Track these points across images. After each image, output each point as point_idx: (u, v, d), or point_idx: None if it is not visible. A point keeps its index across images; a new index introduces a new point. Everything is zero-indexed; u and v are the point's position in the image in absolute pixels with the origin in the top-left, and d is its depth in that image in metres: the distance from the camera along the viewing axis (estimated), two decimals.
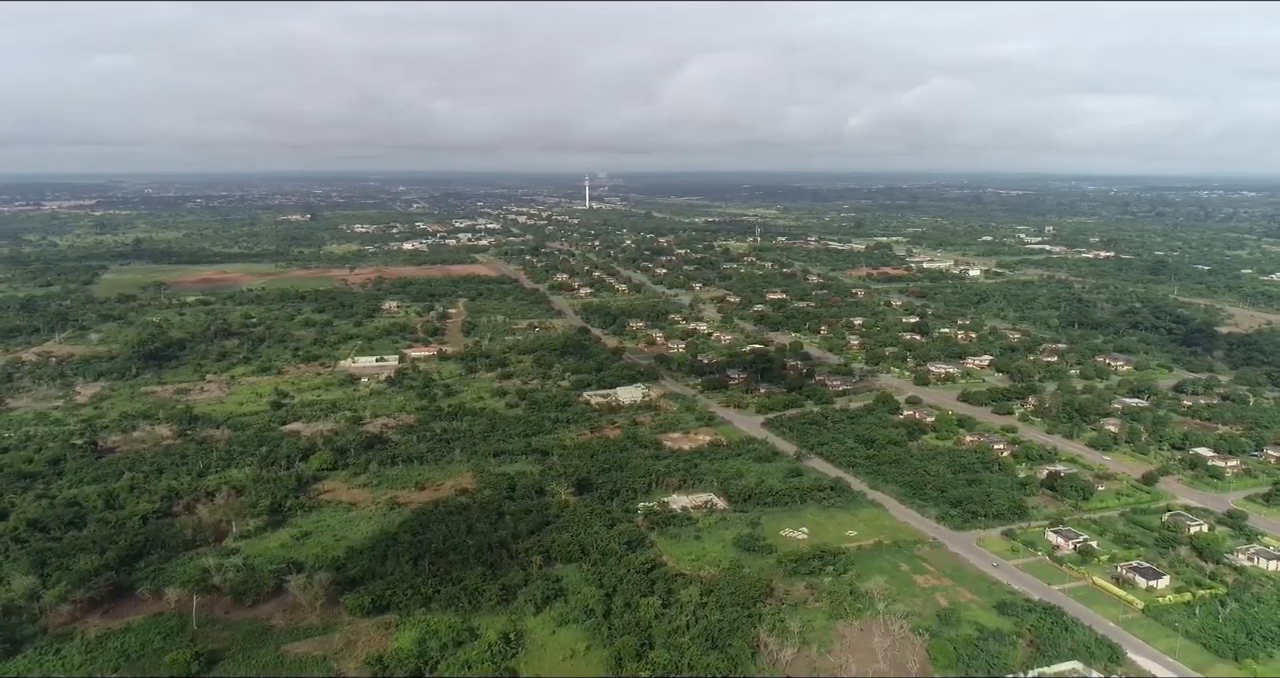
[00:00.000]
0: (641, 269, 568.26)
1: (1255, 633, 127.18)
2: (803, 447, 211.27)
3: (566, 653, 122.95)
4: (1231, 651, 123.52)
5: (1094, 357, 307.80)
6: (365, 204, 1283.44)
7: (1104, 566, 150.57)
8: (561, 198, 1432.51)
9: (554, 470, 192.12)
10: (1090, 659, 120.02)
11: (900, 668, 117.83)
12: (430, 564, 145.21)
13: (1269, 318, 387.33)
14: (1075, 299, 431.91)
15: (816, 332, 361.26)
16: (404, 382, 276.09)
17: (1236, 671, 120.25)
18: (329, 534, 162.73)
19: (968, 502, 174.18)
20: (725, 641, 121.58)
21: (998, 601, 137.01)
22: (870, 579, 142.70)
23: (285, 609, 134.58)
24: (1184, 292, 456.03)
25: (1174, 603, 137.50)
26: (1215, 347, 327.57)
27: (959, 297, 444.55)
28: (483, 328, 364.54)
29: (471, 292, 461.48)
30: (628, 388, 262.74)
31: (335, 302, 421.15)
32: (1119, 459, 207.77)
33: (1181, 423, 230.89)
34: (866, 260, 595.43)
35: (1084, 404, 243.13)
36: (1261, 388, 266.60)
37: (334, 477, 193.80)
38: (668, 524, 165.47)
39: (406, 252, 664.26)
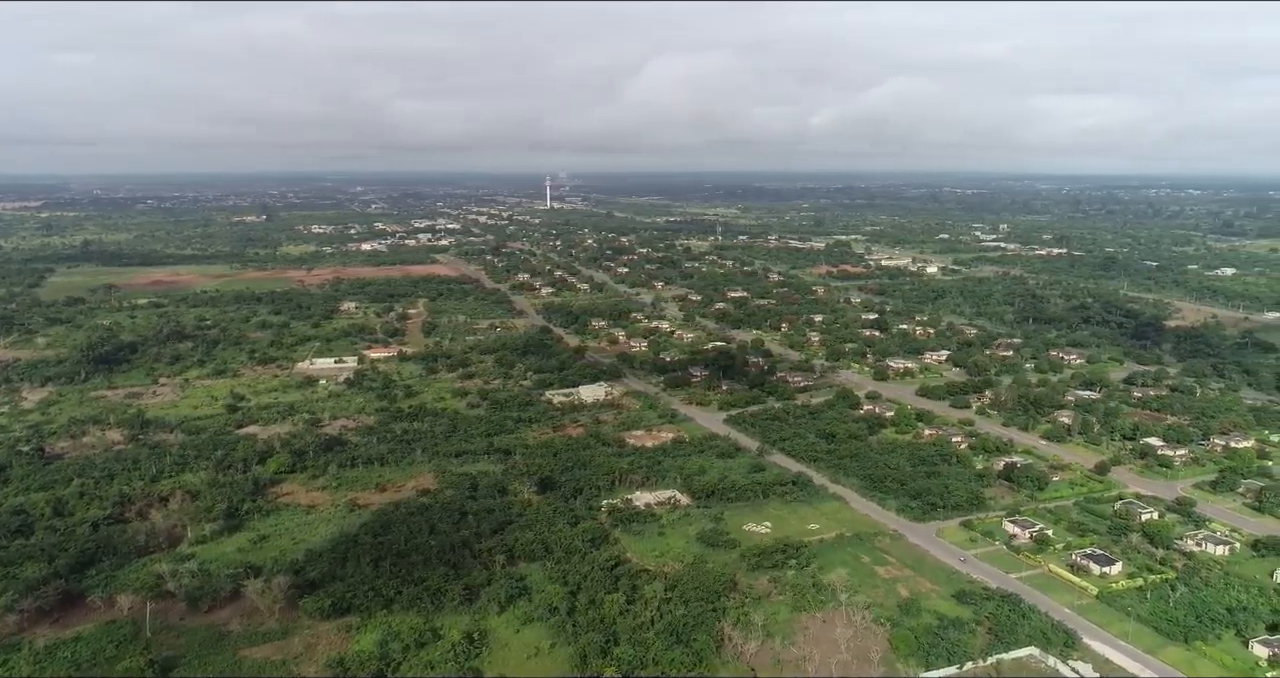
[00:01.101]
0: (603, 268, 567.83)
1: (1204, 616, 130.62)
2: (765, 442, 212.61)
3: (530, 651, 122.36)
4: (1181, 633, 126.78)
5: (1047, 351, 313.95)
6: (322, 205, 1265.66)
7: (1059, 553, 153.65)
8: (522, 198, 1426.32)
9: (516, 470, 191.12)
10: (1047, 645, 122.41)
11: (863, 658, 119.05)
12: (392, 565, 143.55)
13: (1214, 312, 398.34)
14: (1029, 295, 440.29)
15: (777, 329, 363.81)
16: (363, 383, 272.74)
17: (1186, 652, 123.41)
18: (287, 537, 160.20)
19: (927, 494, 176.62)
20: (689, 635, 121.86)
21: (957, 590, 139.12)
22: (832, 571, 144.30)
23: (243, 614, 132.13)
24: (1133, 287, 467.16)
25: (1126, 588, 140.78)
26: (1163, 340, 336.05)
27: (917, 293, 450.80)
28: (443, 328, 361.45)
29: (432, 292, 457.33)
30: (590, 387, 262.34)
31: (292, 303, 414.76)
32: (1072, 450, 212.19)
33: (1132, 414, 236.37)
34: (826, 258, 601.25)
35: (1038, 397, 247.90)
36: (1207, 379, 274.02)
37: (292, 479, 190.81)
38: (631, 521, 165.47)
39: (365, 252, 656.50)
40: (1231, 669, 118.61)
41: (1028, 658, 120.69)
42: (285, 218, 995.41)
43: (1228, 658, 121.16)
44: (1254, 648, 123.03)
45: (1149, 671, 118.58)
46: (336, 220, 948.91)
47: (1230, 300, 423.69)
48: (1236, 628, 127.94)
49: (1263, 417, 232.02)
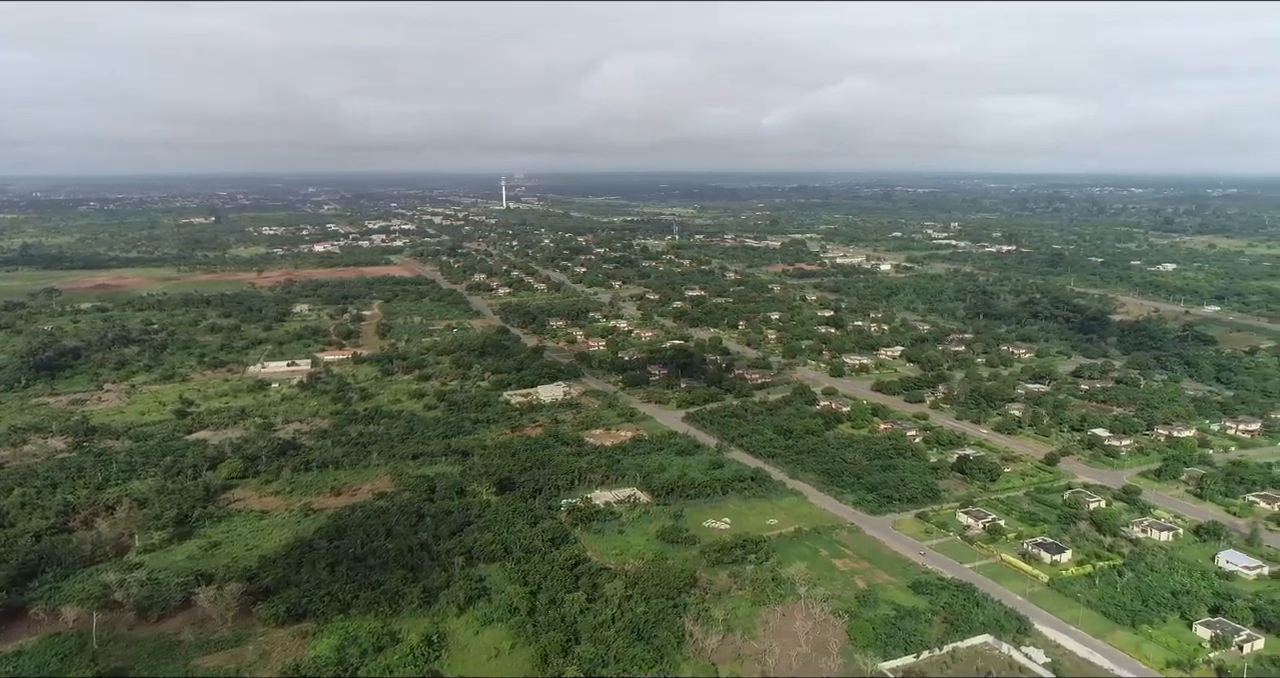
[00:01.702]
0: (561, 268, 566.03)
1: (1150, 600, 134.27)
2: (724, 439, 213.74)
3: (491, 653, 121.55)
4: (1129, 617, 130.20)
5: (998, 345, 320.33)
6: (273, 206, 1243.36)
7: (1011, 543, 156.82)
8: (478, 198, 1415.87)
9: (475, 471, 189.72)
10: (1000, 632, 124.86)
11: (822, 649, 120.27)
12: (348, 570, 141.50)
13: (1156, 306, 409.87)
14: (980, 291, 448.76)
15: (735, 327, 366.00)
16: (317, 386, 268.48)
17: (1133, 635, 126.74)
18: (240, 544, 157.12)
19: (883, 487, 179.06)
20: (651, 632, 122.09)
21: (913, 580, 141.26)
22: (791, 565, 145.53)
23: (194, 623, 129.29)
24: (1080, 282, 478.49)
25: (1076, 575, 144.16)
26: (1109, 334, 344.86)
27: (871, 290, 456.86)
28: (399, 329, 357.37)
29: (387, 293, 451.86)
30: (549, 386, 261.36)
31: (243, 306, 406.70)
32: (1023, 442, 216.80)
33: (1080, 406, 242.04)
34: (782, 257, 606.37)
35: (990, 391, 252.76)
36: (1151, 371, 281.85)
37: (245, 485, 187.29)
38: (591, 520, 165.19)
39: (318, 254, 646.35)
40: (1176, 651, 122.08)
41: (982, 646, 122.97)
42: (235, 219, 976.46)
43: (1172, 640, 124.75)
44: (1197, 630, 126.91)
45: (1098, 655, 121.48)
46: (288, 222, 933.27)
47: (1171, 295, 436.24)
48: (1180, 611, 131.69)
49: (1203, 407, 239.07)
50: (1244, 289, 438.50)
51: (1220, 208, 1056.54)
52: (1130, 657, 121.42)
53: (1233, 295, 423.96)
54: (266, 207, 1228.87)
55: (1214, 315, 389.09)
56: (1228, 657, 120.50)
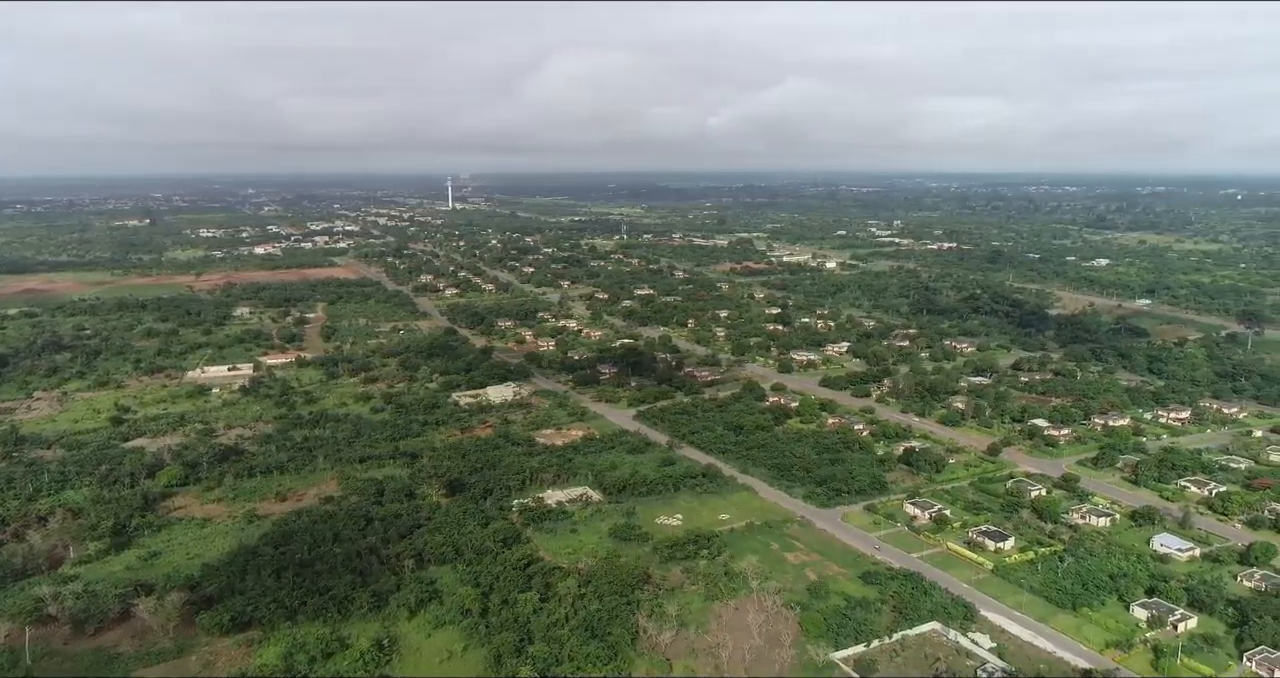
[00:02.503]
0: (508, 268, 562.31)
1: (1089, 584, 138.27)
2: (674, 436, 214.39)
3: (443, 655, 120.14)
4: (1070, 601, 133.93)
5: (941, 340, 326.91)
6: (211, 207, 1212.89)
7: (957, 532, 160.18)
8: (424, 199, 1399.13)
9: (424, 472, 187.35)
10: (948, 619, 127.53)
11: (775, 641, 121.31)
12: (295, 576, 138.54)
13: (1091, 300, 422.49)
14: (923, 287, 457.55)
15: (684, 325, 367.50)
16: (260, 390, 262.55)
17: (1074, 618, 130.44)
18: (181, 552, 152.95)
19: (832, 480, 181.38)
20: (604, 629, 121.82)
21: (863, 571, 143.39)
22: (743, 559, 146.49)
23: (134, 634, 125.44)
24: (1018, 278, 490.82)
25: (1019, 562, 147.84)
26: (1046, 327, 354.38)
27: (817, 288, 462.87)
28: (344, 332, 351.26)
29: (331, 295, 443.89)
30: (498, 387, 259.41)
31: (180, 309, 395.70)
32: (966, 433, 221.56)
33: (1020, 398, 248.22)
34: (730, 255, 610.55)
35: (934, 384, 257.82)
36: (1087, 363, 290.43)
37: (185, 492, 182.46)
38: (543, 519, 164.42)
39: (258, 256, 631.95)
40: (1114, 632, 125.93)
41: (930, 633, 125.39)
42: (171, 221, 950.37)
43: (1111, 621, 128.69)
44: (1134, 611, 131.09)
45: (1041, 638, 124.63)
46: (227, 223, 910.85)
47: (1105, 289, 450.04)
48: (1118, 593, 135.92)
49: (1136, 396, 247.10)
50: (1173, 283, 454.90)
51: (1149, 206, 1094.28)
52: (1071, 639, 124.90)
53: (1162, 289, 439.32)
54: (204, 208, 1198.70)
55: (1145, 309, 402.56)
56: (1163, 636, 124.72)
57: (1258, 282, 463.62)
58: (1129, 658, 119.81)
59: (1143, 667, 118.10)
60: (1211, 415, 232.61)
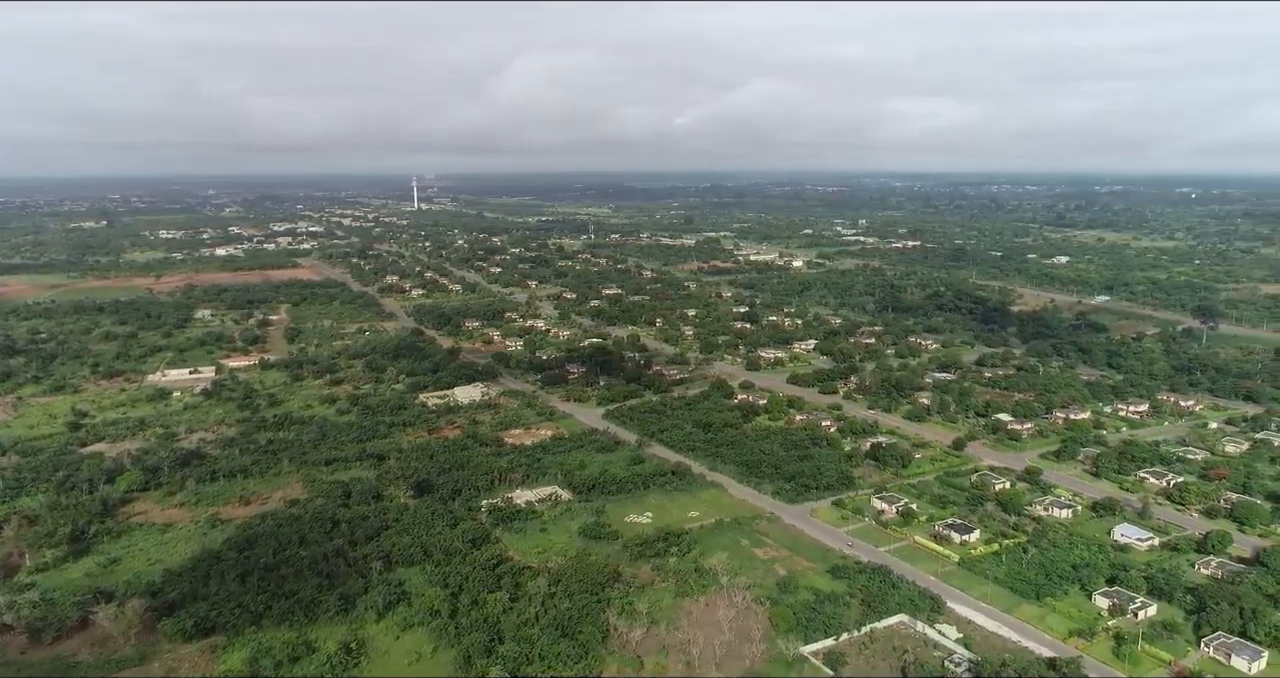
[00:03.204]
0: (475, 269, 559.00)
1: (1052, 574, 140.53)
2: (643, 435, 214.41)
3: (412, 657, 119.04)
4: (1034, 591, 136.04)
5: (906, 337, 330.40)
6: (171, 209, 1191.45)
7: (923, 525, 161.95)
8: (389, 200, 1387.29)
9: (391, 474, 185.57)
10: (915, 611, 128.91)
11: (745, 637, 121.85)
12: (259, 580, 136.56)
13: (1052, 297, 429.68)
14: (888, 285, 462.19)
15: (652, 324, 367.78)
16: (222, 393, 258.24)
17: (1038, 608, 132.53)
18: (142, 559, 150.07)
19: (800, 476, 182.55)
20: (575, 628, 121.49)
21: (831, 565, 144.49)
22: (713, 556, 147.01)
23: (94, 643, 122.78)
24: (981, 275, 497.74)
25: (984, 554, 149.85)
26: (1009, 324, 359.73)
27: (784, 286, 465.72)
28: (308, 333, 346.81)
29: (294, 296, 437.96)
30: (465, 388, 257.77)
31: (140, 312, 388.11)
32: (932, 428, 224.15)
33: (984, 393, 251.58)
34: (697, 255, 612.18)
35: (899, 380, 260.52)
36: (1048, 358, 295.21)
37: (146, 498, 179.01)
38: (512, 519, 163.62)
39: (220, 258, 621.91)
40: (1077, 621, 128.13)
41: (898, 625, 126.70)
42: (129, 223, 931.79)
43: (1074, 611, 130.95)
44: (1096, 600, 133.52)
45: (1006, 628, 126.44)
46: (187, 225, 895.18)
47: (1065, 286, 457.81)
48: (1081, 583, 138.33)
49: (1096, 390, 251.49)
50: (1130, 280, 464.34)
51: (1108, 204, 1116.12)
52: (1036, 628, 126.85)
53: (1121, 286, 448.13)
54: (164, 209, 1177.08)
55: (1104, 305, 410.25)
56: (1124, 624, 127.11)
57: (1212, 278, 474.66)
58: (1091, 646, 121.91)
59: (1105, 654, 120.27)
60: (1169, 408, 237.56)
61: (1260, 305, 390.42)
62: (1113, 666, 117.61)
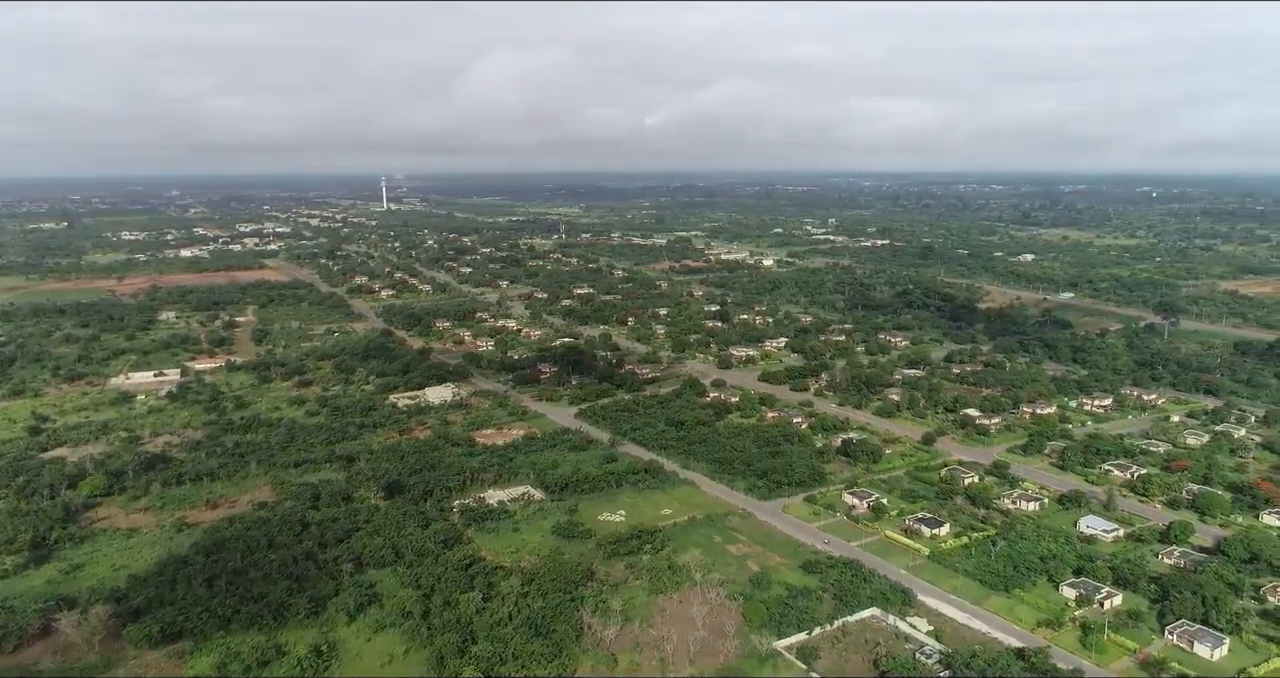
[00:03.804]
0: (445, 269, 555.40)
1: (1020, 566, 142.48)
2: (616, 434, 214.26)
3: (384, 659, 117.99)
4: (1002, 583, 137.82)
5: (876, 334, 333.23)
6: (133, 210, 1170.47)
7: (894, 520, 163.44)
8: (357, 200, 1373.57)
9: (361, 476, 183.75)
10: (887, 604, 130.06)
11: (719, 632, 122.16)
12: (227, 584, 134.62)
13: (1018, 294, 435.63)
14: (858, 283, 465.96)
15: (624, 323, 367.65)
16: (188, 396, 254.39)
17: (1007, 600, 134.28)
18: (106, 564, 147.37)
19: (772, 473, 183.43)
20: (549, 627, 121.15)
21: (804, 561, 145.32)
22: (686, 553, 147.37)
23: (56, 650, 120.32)
24: (949, 273, 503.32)
25: (954, 547, 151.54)
26: (976, 321, 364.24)
27: (755, 285, 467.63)
28: (276, 335, 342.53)
29: (262, 297, 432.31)
30: (436, 388, 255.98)
31: (102, 314, 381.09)
32: (901, 424, 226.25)
33: (952, 389, 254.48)
34: (668, 254, 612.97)
35: (869, 377, 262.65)
36: (1015, 354, 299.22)
37: (110, 503, 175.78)
38: (485, 519, 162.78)
39: (185, 259, 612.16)
40: (1045, 611, 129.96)
41: (870, 618, 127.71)
42: (91, 224, 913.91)
43: (1041, 601, 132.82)
44: (1063, 590, 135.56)
45: (976, 620, 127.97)
46: (150, 226, 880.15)
47: (1031, 283, 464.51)
48: (1048, 574, 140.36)
49: (1062, 385, 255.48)
50: (1094, 277, 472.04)
51: (1071, 203, 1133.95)
52: (1005, 620, 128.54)
53: (1085, 283, 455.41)
54: (126, 210, 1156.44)
55: (1069, 302, 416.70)
56: (1091, 613, 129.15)
57: (1173, 274, 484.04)
58: (1059, 636, 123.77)
59: (1072, 644, 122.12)
60: (1132, 402, 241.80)
61: (1219, 301, 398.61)
62: (1080, 655, 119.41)
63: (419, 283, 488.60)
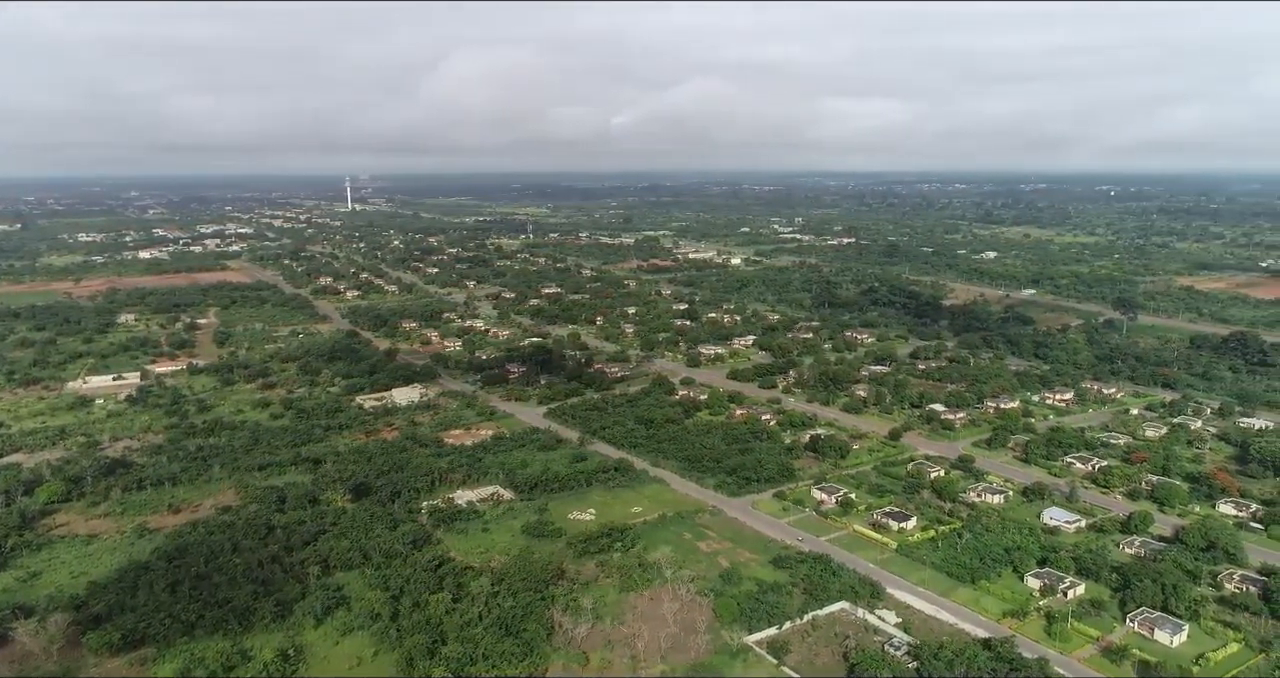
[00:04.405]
0: (412, 269, 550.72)
1: (986, 557, 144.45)
2: (585, 432, 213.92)
3: (353, 661, 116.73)
4: (969, 575, 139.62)
5: (842, 331, 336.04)
6: (91, 211, 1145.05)
7: (862, 514, 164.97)
8: (321, 201, 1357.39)
9: (328, 478, 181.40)
10: (856, 597, 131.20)
11: (690, 628, 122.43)
12: (191, 589, 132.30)
13: (981, 291, 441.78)
14: (824, 281, 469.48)
15: (592, 322, 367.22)
16: (148, 399, 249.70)
17: (973, 591, 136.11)
18: (64, 571, 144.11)
19: (741, 469, 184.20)
20: (519, 626, 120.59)
21: (774, 556, 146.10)
22: (657, 550, 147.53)
23: (13, 660, 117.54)
24: (913, 271, 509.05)
25: (921, 540, 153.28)
26: (941, 317, 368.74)
27: (723, 283, 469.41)
28: (239, 337, 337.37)
29: (224, 299, 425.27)
30: (403, 389, 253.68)
31: (58, 317, 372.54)
32: (869, 420, 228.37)
33: (918, 384, 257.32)
34: (636, 253, 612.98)
35: (836, 374, 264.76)
36: (979, 350, 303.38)
37: (68, 509, 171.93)
38: (454, 520, 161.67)
39: (144, 260, 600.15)
40: (1010, 602, 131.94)
41: (839, 612, 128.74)
42: (46, 226, 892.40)
43: (1007, 592, 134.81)
44: (1028, 581, 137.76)
45: (944, 611, 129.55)
46: (108, 227, 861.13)
47: (994, 280, 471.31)
48: (1013, 565, 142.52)
49: (1025, 380, 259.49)
50: (1055, 274, 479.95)
51: (1032, 201, 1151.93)
52: (971, 611, 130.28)
53: (1046, 279, 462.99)
54: (83, 212, 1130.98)
55: (1031, 298, 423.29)
56: (1055, 603, 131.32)
57: (1130, 271, 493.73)
58: (1024, 625, 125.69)
59: (1037, 633, 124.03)
60: (1093, 396, 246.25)
61: (1176, 297, 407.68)
62: (1045, 644, 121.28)
63: (385, 283, 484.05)
